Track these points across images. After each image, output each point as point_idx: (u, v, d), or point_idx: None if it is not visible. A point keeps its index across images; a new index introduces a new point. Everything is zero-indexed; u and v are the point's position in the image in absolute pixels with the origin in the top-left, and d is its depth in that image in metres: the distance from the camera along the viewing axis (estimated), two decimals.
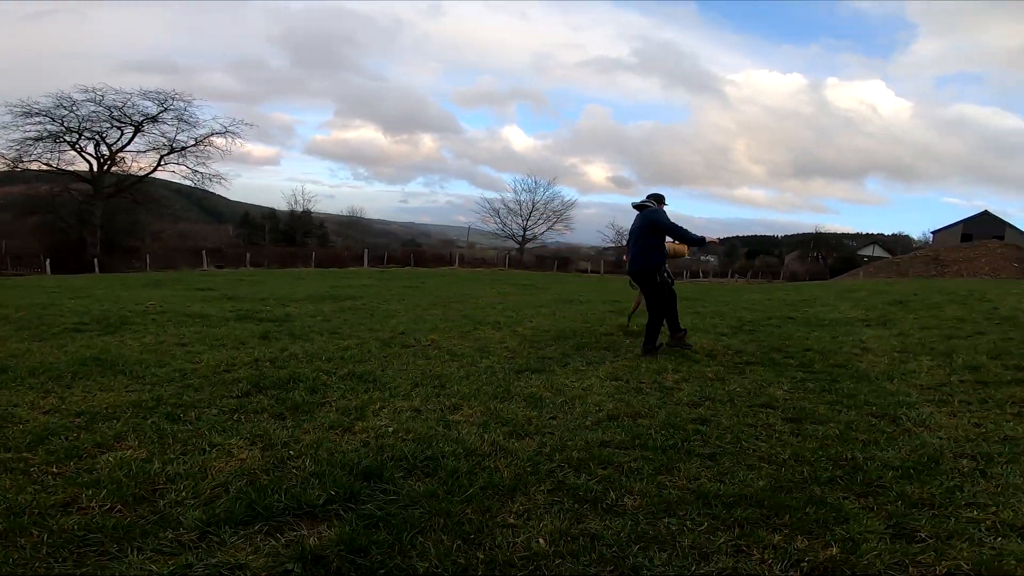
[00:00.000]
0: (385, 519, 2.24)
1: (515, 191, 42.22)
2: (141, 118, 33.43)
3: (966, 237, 55.95)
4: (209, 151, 34.98)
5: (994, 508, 2.26)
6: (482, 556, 2.02)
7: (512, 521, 2.26)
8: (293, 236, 51.01)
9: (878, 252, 76.52)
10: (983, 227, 56.30)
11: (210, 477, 2.56)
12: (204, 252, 31.65)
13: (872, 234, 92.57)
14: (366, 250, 34.84)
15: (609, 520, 2.26)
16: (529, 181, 43.52)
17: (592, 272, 41.54)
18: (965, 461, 2.76)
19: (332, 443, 3.09)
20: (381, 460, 2.79)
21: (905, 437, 3.13)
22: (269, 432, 3.21)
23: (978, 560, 1.95)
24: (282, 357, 5.20)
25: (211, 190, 38.16)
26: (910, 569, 1.93)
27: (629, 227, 6.28)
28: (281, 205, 58.97)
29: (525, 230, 41.52)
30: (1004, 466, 2.71)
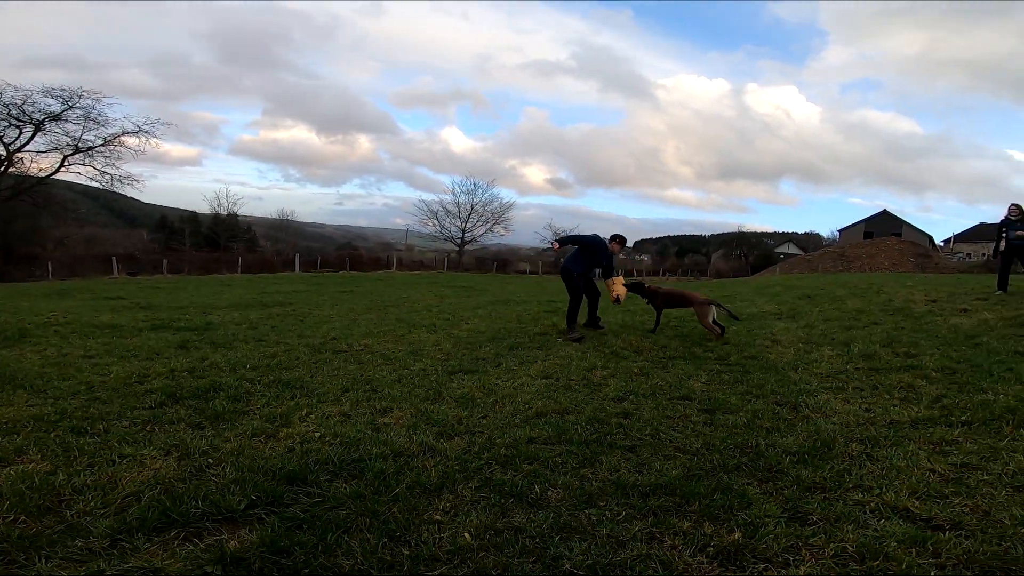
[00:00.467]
0: (309, 520, 2.24)
1: (454, 193, 42.02)
2: (43, 116, 30.54)
3: (868, 235, 61.33)
4: (120, 151, 32.38)
5: (878, 491, 2.49)
6: (407, 552, 2.05)
7: (438, 518, 2.30)
8: (217, 241, 48.15)
9: (793, 249, 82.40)
10: (883, 225, 61.94)
11: (120, 487, 2.50)
12: (115, 259, 29.27)
13: (787, 233, 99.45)
14: (297, 254, 33.44)
15: (533, 513, 2.34)
16: (468, 183, 43.46)
17: (531, 273, 42.05)
18: (855, 445, 3.05)
19: (255, 450, 3.02)
20: (306, 464, 2.76)
21: (803, 423, 3.43)
22: (186, 442, 3.11)
23: (862, 542, 2.10)
24: (201, 367, 4.96)
25: (122, 192, 35.24)
26: (803, 552, 2.08)
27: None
28: (203, 208, 55.48)
29: (464, 232, 41.40)
30: (889, 449, 2.99)
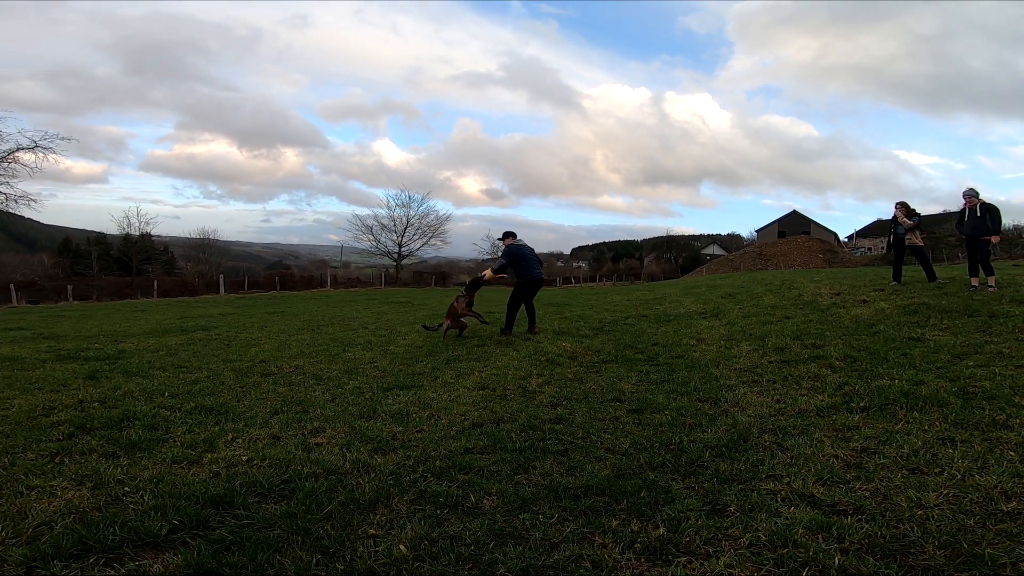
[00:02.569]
0: (239, 542, 2.19)
1: (388, 206, 41.31)
2: None
3: (782, 234, 66.00)
4: (15, 168, 29.55)
5: (788, 479, 2.69)
6: (342, 567, 2.03)
7: (373, 532, 2.28)
8: (129, 264, 44.71)
9: (717, 250, 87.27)
10: (793, 225, 66.85)
11: (31, 517, 2.40)
12: (12, 286, 26.57)
13: (712, 235, 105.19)
14: (222, 275, 31.69)
15: (468, 521, 2.37)
16: (403, 196, 42.80)
17: None
18: (767, 436, 3.29)
19: (176, 477, 2.90)
20: (232, 487, 2.67)
21: (723, 418, 3.66)
22: (100, 471, 2.95)
23: (774, 531, 2.23)
24: (114, 396, 4.63)
25: (18, 213, 32.13)
26: (722, 543, 2.20)
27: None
28: (112, 229, 51.33)
29: (401, 247, 40.73)
30: (797, 438, 3.23)
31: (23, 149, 29.67)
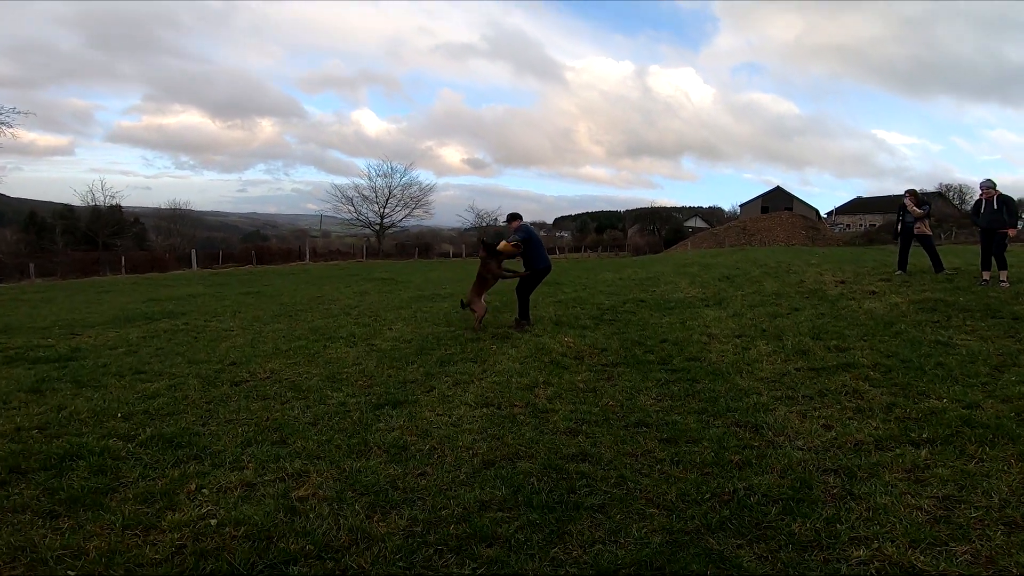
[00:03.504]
0: None
1: (369, 177, 39.84)
2: None
3: (765, 209, 66.23)
4: None
5: (876, 543, 2.26)
6: None
7: None
8: (95, 238, 42.61)
9: (699, 223, 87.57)
10: (777, 200, 67.09)
11: None
12: None
13: (693, 207, 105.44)
14: (194, 250, 30.27)
15: None
16: (385, 166, 41.31)
17: (454, 256, 41.16)
18: (832, 479, 2.83)
19: (131, 553, 2.33)
20: None
21: (772, 453, 3.18)
22: (34, 541, 2.39)
23: None
24: (58, 420, 3.98)
25: None
26: None
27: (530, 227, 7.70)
28: (76, 201, 48.78)
29: (383, 217, 39.53)
30: (867, 483, 2.76)
31: None
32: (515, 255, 7.30)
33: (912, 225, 9.45)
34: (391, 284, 15.25)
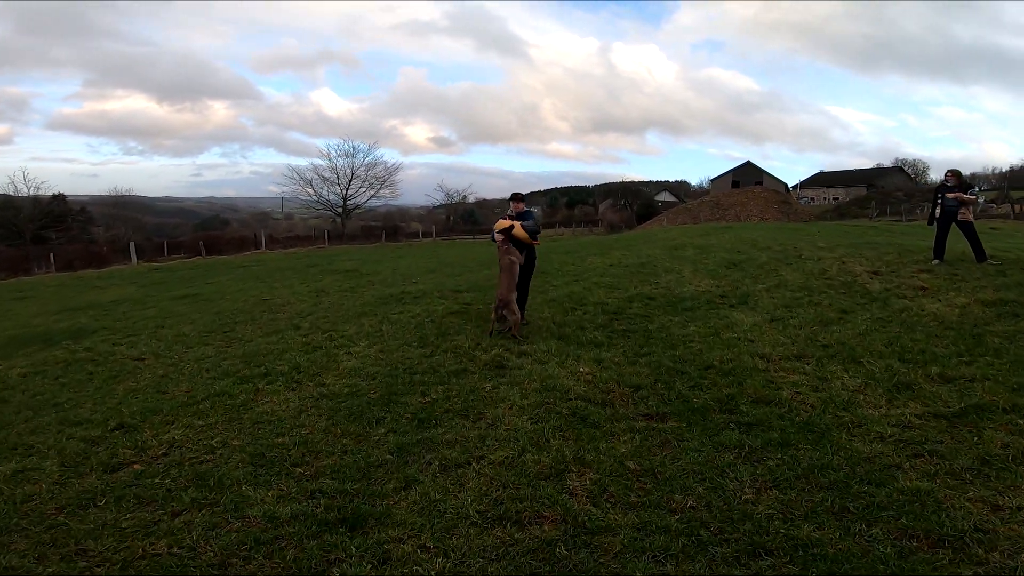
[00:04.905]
0: None
1: (330, 157, 37.12)
2: None
3: (735, 183, 65.87)
4: None
5: None
6: None
7: None
8: (38, 231, 38.85)
9: (668, 197, 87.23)
10: (747, 175, 66.78)
11: None
12: None
13: (661, 181, 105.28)
14: (132, 242, 27.32)
15: None
16: (346, 145, 38.48)
17: (424, 236, 39.03)
18: None
19: None
20: None
21: None
22: None
23: None
24: None
25: None
26: None
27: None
28: (11, 191, 44.76)
29: (346, 200, 36.98)
30: None
31: None
32: (529, 245, 6.58)
33: (954, 209, 8.26)
34: (354, 278, 13.44)
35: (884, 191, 44.23)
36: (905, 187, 54.82)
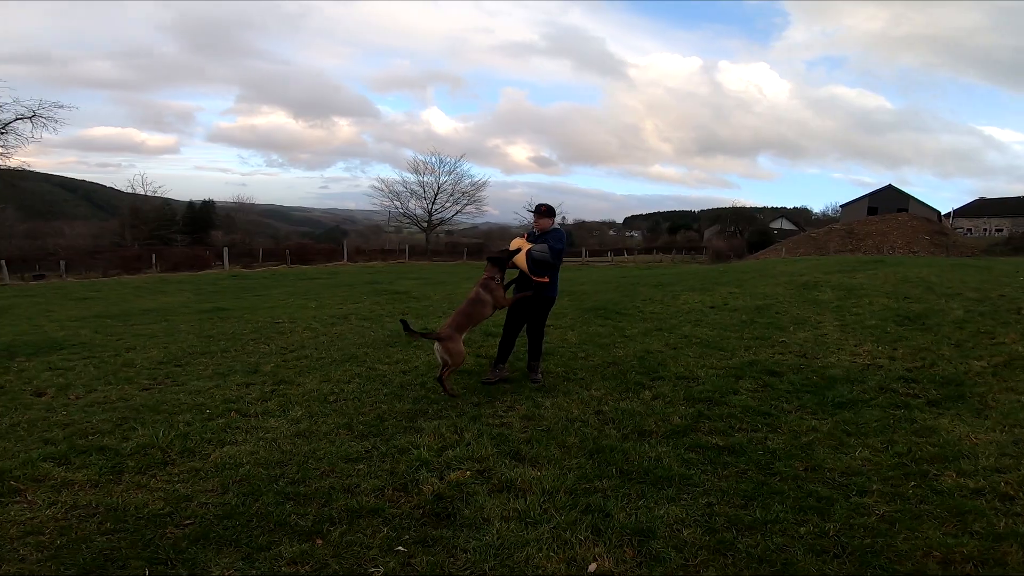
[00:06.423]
0: None
1: (417, 170, 36.68)
2: None
3: (872, 210, 57.26)
4: (8, 139, 27.72)
5: None
6: None
7: None
8: (198, 230, 44.53)
9: (786, 225, 78.73)
10: (887, 201, 57.85)
11: None
12: (4, 263, 24.41)
13: (778, 208, 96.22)
14: (225, 248, 28.47)
15: None
16: (433, 159, 37.77)
17: None
18: None
19: None
20: None
21: None
22: None
23: None
24: None
25: (98, 183, 30.92)
26: None
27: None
28: (180, 196, 52.72)
29: (431, 214, 36.25)
30: None
31: (21, 118, 27.81)
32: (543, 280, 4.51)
33: None
34: (395, 302, 11.47)
35: None
36: None
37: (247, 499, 2.77)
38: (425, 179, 36.30)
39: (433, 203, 36.19)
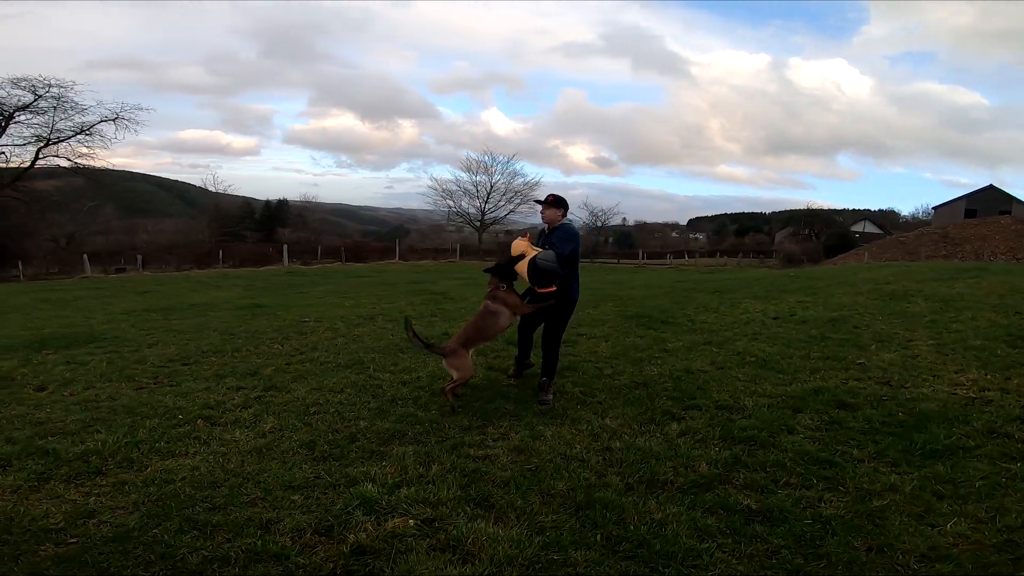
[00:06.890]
0: None
1: (470, 169, 36.54)
2: (12, 109, 28.09)
3: (970, 213, 51.76)
4: (94, 140, 29.89)
5: None
6: None
7: None
8: (270, 228, 47.52)
9: (870, 228, 72.72)
10: (988, 203, 52.11)
11: None
12: (85, 256, 26.44)
13: (860, 210, 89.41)
14: (285, 245, 29.49)
15: None
16: (485, 158, 37.42)
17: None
18: None
19: None
20: None
21: None
22: None
23: None
24: None
25: (190, 183, 33.75)
26: None
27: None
28: (261, 195, 56.82)
29: (484, 213, 36.02)
30: None
31: (105, 121, 29.89)
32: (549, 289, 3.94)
33: None
34: (427, 304, 11.05)
35: None
36: None
37: (149, 522, 2.32)
38: (478, 178, 36.13)
39: (486, 202, 35.95)
